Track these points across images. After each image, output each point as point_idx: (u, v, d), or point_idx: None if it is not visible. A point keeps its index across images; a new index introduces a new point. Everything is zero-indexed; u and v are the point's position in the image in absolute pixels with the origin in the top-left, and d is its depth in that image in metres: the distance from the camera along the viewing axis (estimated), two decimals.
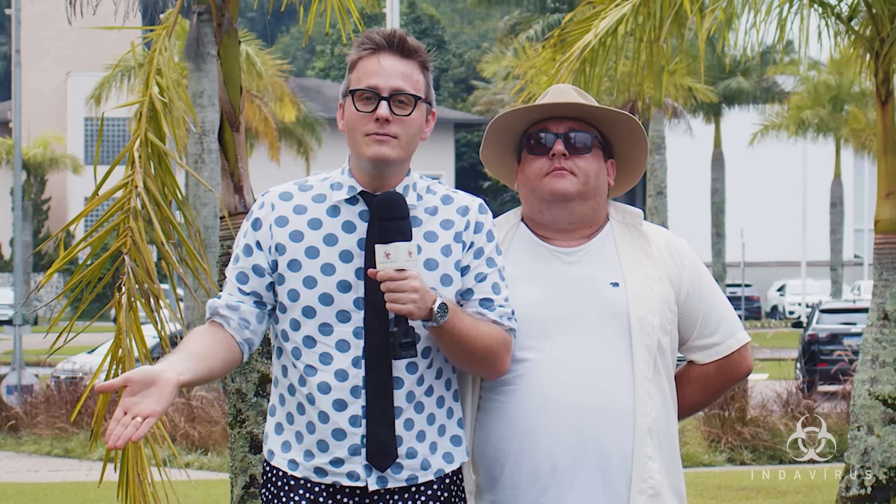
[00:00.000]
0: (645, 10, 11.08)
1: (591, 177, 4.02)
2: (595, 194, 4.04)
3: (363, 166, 3.86)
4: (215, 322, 3.88)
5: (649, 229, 4.10)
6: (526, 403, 3.91)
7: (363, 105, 3.83)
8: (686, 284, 4.05)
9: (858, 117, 45.55)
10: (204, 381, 3.76)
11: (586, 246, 4.05)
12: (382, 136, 3.82)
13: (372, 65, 3.84)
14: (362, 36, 3.88)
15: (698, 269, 4.10)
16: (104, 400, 6.61)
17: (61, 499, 13.25)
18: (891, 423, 11.64)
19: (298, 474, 3.85)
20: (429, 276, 3.82)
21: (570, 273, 4.00)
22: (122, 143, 63.40)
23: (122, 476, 6.57)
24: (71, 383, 20.53)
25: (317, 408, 3.82)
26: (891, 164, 11.88)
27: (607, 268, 4.01)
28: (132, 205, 6.73)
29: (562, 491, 3.89)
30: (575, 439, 3.87)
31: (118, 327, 6.60)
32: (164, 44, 7.32)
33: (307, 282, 3.82)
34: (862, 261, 61.02)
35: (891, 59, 11.64)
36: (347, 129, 3.88)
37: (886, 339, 11.81)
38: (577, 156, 4.01)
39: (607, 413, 3.88)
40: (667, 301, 3.99)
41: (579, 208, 4.03)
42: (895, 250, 11.92)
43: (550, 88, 4.12)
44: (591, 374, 3.90)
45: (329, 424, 3.81)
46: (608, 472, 3.89)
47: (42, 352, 30.51)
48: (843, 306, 29.24)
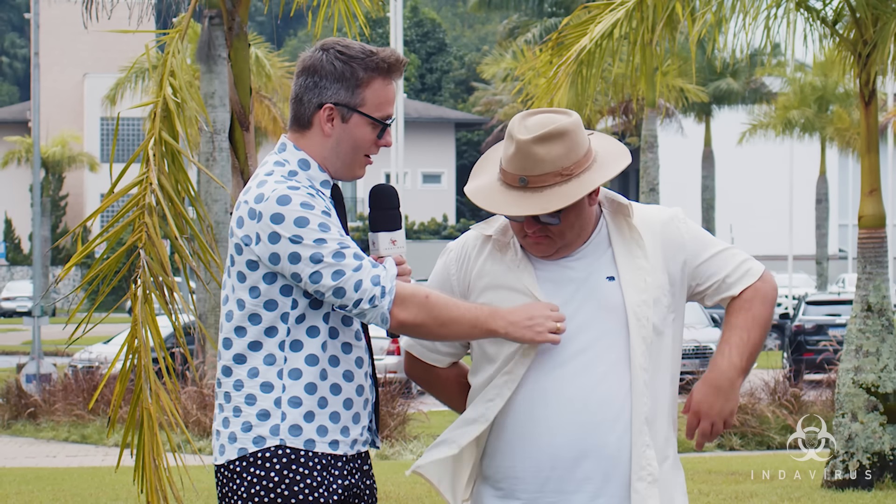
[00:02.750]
0: (638, 15, 11.08)
1: (567, 229, 3.93)
2: (580, 231, 3.96)
3: (341, 173, 3.93)
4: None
5: (642, 213, 4.06)
6: (528, 396, 3.92)
7: (378, 131, 3.91)
8: (690, 252, 4.03)
9: (843, 117, 45.53)
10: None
11: (584, 246, 4.02)
12: (371, 160, 3.98)
13: (389, 92, 3.90)
14: (378, 54, 3.89)
15: (694, 234, 4.07)
16: (121, 388, 6.62)
17: (78, 483, 13.26)
18: (874, 411, 11.65)
19: (340, 452, 3.85)
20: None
21: (571, 270, 3.99)
22: (137, 141, 63.40)
23: (138, 461, 6.58)
24: (87, 372, 20.54)
25: (355, 383, 3.87)
26: (874, 162, 11.88)
27: (603, 262, 3.98)
28: (147, 201, 6.74)
29: (563, 481, 3.90)
30: (576, 431, 3.87)
31: (134, 318, 6.61)
32: (177, 47, 7.33)
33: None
34: (846, 255, 60.99)
35: (874, 62, 11.64)
36: (350, 145, 3.90)
37: (870, 330, 11.82)
38: (549, 225, 3.92)
39: (606, 405, 3.87)
40: (660, 288, 3.97)
41: (563, 251, 3.98)
42: (878, 245, 11.93)
43: (514, 140, 3.90)
44: (591, 367, 3.89)
45: (363, 396, 3.90)
46: (608, 461, 3.89)
47: (60, 342, 30.54)
48: (828, 298, 29.26)
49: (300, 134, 3.93)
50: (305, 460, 3.80)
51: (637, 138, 40.52)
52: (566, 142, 3.88)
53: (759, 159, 60.49)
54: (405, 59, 3.93)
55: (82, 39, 68.42)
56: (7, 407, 19.89)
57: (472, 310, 3.82)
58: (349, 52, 3.87)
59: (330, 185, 3.91)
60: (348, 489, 3.87)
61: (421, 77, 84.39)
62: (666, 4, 10.96)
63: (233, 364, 3.85)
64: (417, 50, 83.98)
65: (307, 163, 3.89)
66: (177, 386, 6.97)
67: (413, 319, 3.77)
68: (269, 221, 3.75)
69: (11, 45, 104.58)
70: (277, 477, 3.78)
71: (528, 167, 3.87)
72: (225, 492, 3.84)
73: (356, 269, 3.74)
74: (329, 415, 3.83)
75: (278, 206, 3.75)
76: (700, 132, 49.62)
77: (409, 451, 16.09)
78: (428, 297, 3.78)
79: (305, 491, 3.79)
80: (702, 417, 3.90)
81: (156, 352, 6.64)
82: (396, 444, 16.45)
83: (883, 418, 11.63)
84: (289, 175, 3.85)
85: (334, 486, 3.82)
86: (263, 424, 3.81)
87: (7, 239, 66.47)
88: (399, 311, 3.76)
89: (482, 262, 4.03)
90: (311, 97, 3.88)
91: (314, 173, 3.89)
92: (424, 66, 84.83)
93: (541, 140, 3.86)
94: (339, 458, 3.85)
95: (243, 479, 3.80)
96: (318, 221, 3.75)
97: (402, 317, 3.76)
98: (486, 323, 3.79)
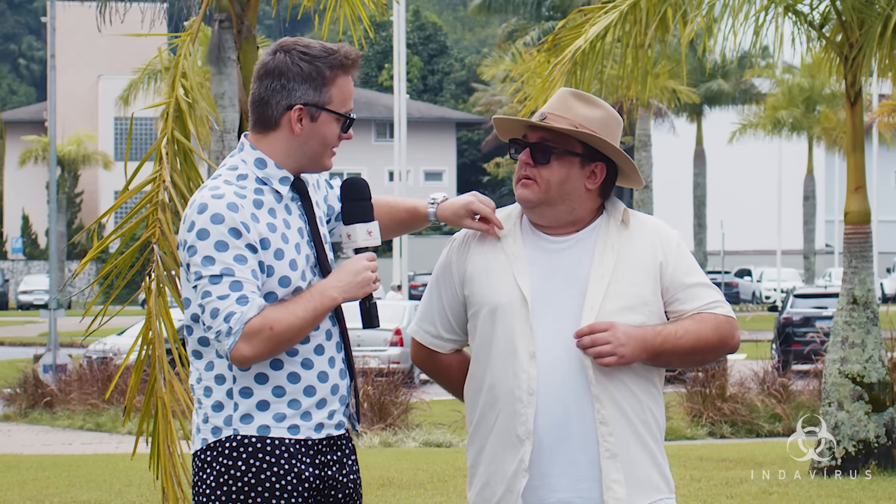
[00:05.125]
0: (631, 18, 11.08)
1: (553, 185, 3.99)
2: (564, 199, 4.02)
3: (308, 168, 3.90)
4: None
5: (640, 221, 4.11)
6: (511, 382, 3.99)
7: (342, 126, 3.90)
8: (673, 267, 4.05)
9: (829, 117, 45.53)
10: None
11: (574, 236, 4.07)
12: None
13: (350, 87, 3.88)
14: (339, 51, 3.85)
15: (682, 253, 4.09)
16: (136, 378, 6.63)
17: (93, 469, 13.27)
18: (859, 400, 11.66)
19: (301, 436, 3.82)
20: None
21: (559, 260, 4.04)
22: (150, 141, 63.37)
23: (153, 448, 6.59)
24: (102, 363, 20.57)
25: (315, 370, 3.83)
26: (859, 161, 11.89)
27: (586, 258, 4.03)
28: (160, 198, 6.74)
29: (547, 464, 3.96)
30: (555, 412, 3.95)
31: (148, 311, 6.62)
32: (188, 49, 7.34)
33: (291, 265, 3.83)
34: (833, 250, 60.98)
35: (859, 64, 11.65)
36: (318, 142, 3.87)
37: (855, 322, 11.83)
38: (540, 165, 4.01)
39: (579, 389, 3.95)
40: (638, 285, 4.01)
41: (547, 212, 4.04)
42: (863, 240, 11.94)
43: (559, 91, 4.11)
44: (567, 356, 3.95)
45: (328, 382, 3.85)
46: (585, 444, 3.94)
47: (75, 333, 30.50)
48: (816, 291, 29.25)
49: (262, 135, 3.88)
50: (272, 448, 3.78)
51: (631, 137, 40.52)
52: (600, 111, 4.05)
53: (748, 158, 60.47)
54: (360, 53, 3.90)
55: (97, 42, 68.28)
56: (24, 396, 19.91)
57: (307, 304, 3.78)
58: (311, 52, 3.83)
59: (289, 181, 3.87)
60: (322, 479, 3.85)
61: (423, 78, 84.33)
62: (658, 8, 10.96)
63: (193, 359, 3.89)
64: (420, 52, 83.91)
65: (263, 161, 3.86)
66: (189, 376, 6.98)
67: (256, 354, 3.74)
68: (185, 228, 3.79)
69: (29, 47, 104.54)
70: (244, 466, 3.77)
71: (556, 107, 4.04)
72: (196, 481, 3.85)
73: (221, 297, 3.71)
74: (288, 402, 3.81)
75: (196, 214, 3.76)
76: (692, 131, 49.60)
77: (412, 439, 16.10)
78: (272, 328, 3.73)
79: (272, 479, 3.77)
80: (609, 336, 3.89)
81: (169, 343, 6.64)
82: (399, 432, 16.45)
83: (868, 407, 11.64)
84: (237, 178, 3.83)
85: (305, 473, 3.80)
86: (218, 415, 3.82)
87: (24, 234, 66.49)
88: (244, 348, 3.72)
89: (482, 246, 4.11)
90: (279, 99, 3.83)
91: (271, 171, 3.86)
92: (426, 68, 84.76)
93: (580, 96, 4.06)
94: (304, 444, 3.81)
95: (213, 469, 3.80)
96: (218, 239, 3.73)
97: (245, 353, 3.73)
98: (324, 303, 3.80)
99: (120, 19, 12.30)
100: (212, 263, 3.72)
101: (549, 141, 4.02)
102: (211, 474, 3.79)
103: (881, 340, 11.87)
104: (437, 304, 4.19)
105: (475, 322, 4.10)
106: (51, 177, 26.81)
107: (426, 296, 4.24)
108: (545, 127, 4.01)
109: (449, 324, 4.18)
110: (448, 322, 4.18)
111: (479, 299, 4.08)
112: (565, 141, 4.02)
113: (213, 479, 3.79)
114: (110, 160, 62.02)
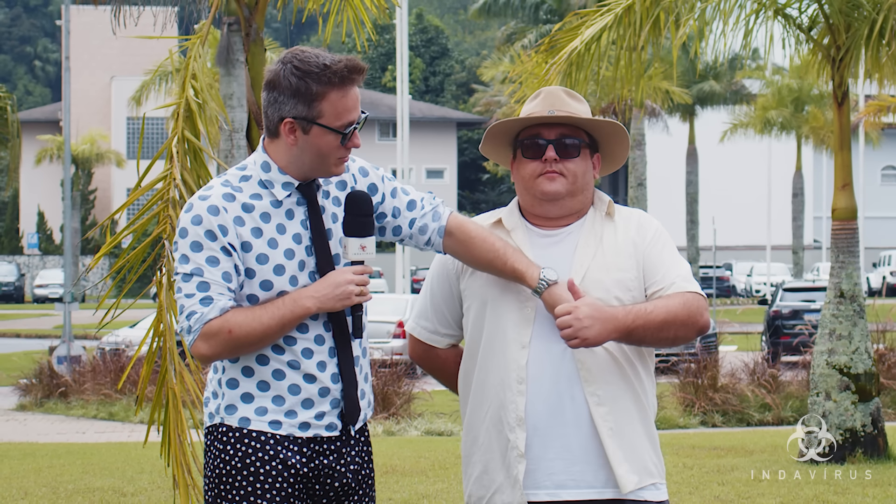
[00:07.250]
0: (626, 21, 11.07)
1: (580, 176, 4.06)
2: (583, 190, 4.09)
3: (313, 174, 3.86)
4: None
5: (625, 213, 4.15)
6: (502, 372, 4.02)
7: (340, 139, 3.83)
8: (648, 250, 4.06)
9: (818, 117, 45.53)
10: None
11: (566, 229, 4.11)
12: (346, 158, 3.90)
13: (349, 101, 3.81)
14: (331, 67, 3.77)
15: (659, 238, 4.10)
16: (147, 369, 6.63)
17: (106, 457, 13.28)
18: (846, 390, 11.66)
19: (283, 432, 3.83)
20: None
21: (551, 252, 4.08)
22: (161, 140, 63.39)
23: (164, 437, 6.59)
24: (115, 354, 20.56)
25: (302, 371, 3.83)
26: (846, 159, 11.88)
27: (572, 249, 4.07)
28: (171, 195, 6.74)
29: (540, 448, 3.98)
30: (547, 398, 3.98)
31: (160, 304, 6.61)
32: (198, 51, 7.33)
33: (276, 270, 3.82)
34: (820, 245, 60.95)
35: (846, 65, 11.64)
36: (314, 153, 3.83)
37: (842, 315, 11.83)
38: (567, 159, 4.04)
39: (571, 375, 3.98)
40: (620, 270, 4.02)
41: (568, 203, 4.08)
42: (850, 235, 11.93)
43: (542, 90, 4.13)
44: (557, 344, 3.96)
45: (316, 384, 3.84)
46: (578, 428, 3.97)
47: (89, 326, 30.54)
48: (804, 285, 29.21)
49: (270, 140, 3.90)
50: (257, 435, 3.83)
51: None
52: (585, 105, 4.13)
53: (739, 156, 60.44)
54: (362, 65, 3.81)
55: (110, 45, 68.41)
56: (40, 387, 19.91)
57: (275, 312, 3.78)
58: (304, 68, 3.77)
59: (293, 186, 3.86)
60: (314, 468, 3.87)
61: (425, 79, 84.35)
62: (651, 11, 10.95)
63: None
64: (422, 54, 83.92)
65: (268, 165, 3.87)
66: (199, 367, 6.98)
67: (214, 354, 3.78)
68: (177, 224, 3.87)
69: (44, 49, 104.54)
70: (232, 450, 3.84)
71: (556, 104, 4.09)
72: (203, 456, 3.96)
73: (188, 295, 3.78)
74: (272, 398, 3.84)
75: (183, 212, 3.83)
76: (684, 131, 49.63)
77: (414, 428, 16.10)
78: (231, 331, 3.75)
79: (257, 464, 3.82)
80: (570, 319, 3.87)
81: (180, 335, 6.65)
82: (402, 422, 16.46)
83: (854, 397, 11.64)
84: (239, 179, 3.87)
85: (292, 460, 3.83)
86: (213, 402, 3.92)
87: (40, 230, 66.50)
88: (202, 346, 3.77)
89: None
90: (273, 111, 3.83)
91: (274, 175, 3.86)
92: (428, 70, 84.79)
93: (568, 93, 4.12)
94: (287, 438, 3.84)
95: (209, 451, 3.90)
96: (194, 240, 3.78)
97: (203, 350, 3.78)
98: (295, 311, 3.79)
99: (133, 22, 12.30)
100: (186, 262, 3.79)
101: (567, 136, 4.06)
102: (208, 455, 3.90)
103: (867, 333, 11.87)
104: (433, 299, 4.22)
105: (469, 315, 4.13)
106: (65, 175, 26.82)
107: (423, 292, 4.27)
108: (563, 122, 4.06)
109: (445, 318, 4.21)
110: (444, 317, 4.21)
111: (475, 293, 4.11)
112: (577, 134, 4.09)
113: (209, 460, 3.90)
114: (123, 159, 62.04)
